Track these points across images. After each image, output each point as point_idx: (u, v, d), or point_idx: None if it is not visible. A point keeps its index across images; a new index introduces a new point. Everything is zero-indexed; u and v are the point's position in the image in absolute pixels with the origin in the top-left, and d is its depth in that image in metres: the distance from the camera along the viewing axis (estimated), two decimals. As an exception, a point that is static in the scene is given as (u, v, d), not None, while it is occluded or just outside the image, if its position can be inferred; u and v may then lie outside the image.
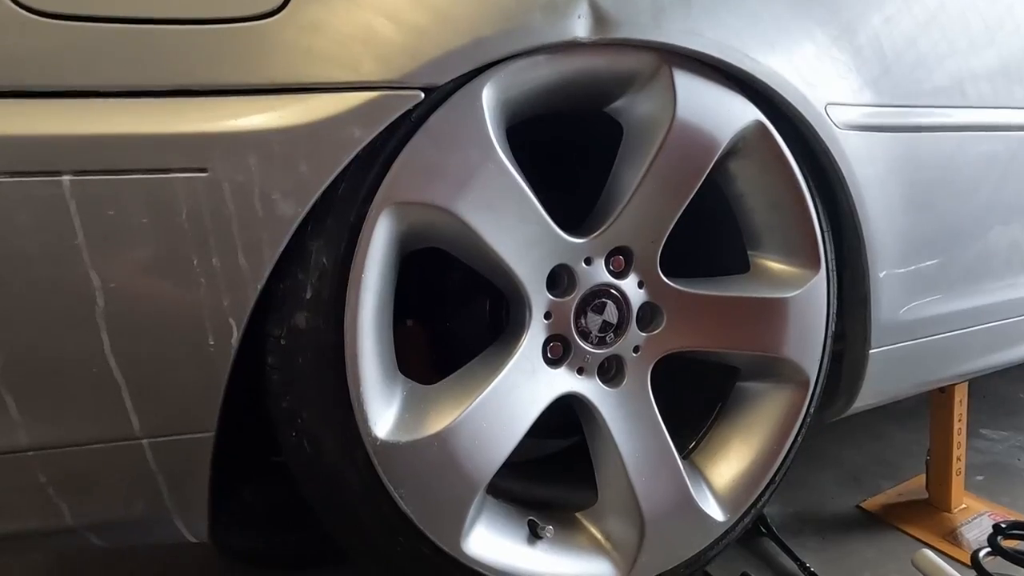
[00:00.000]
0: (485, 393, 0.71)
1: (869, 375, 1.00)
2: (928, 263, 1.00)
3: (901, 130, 0.92)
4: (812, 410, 0.92)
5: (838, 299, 0.94)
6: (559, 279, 0.81)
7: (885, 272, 0.95)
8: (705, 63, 0.77)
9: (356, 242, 0.63)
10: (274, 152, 0.59)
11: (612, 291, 0.83)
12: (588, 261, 0.81)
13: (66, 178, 0.55)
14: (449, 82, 0.64)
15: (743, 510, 0.88)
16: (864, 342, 0.98)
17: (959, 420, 1.28)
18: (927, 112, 0.94)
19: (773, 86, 0.79)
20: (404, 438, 0.67)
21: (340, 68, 0.61)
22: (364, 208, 0.64)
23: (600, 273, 0.82)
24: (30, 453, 0.62)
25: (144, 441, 0.64)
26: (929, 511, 1.31)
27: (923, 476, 1.36)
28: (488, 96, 0.67)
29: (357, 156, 0.62)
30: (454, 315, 0.93)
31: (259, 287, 0.61)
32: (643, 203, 0.80)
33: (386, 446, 0.66)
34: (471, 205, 0.67)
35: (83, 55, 0.56)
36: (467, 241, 0.70)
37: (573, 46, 0.69)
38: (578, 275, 0.81)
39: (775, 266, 0.91)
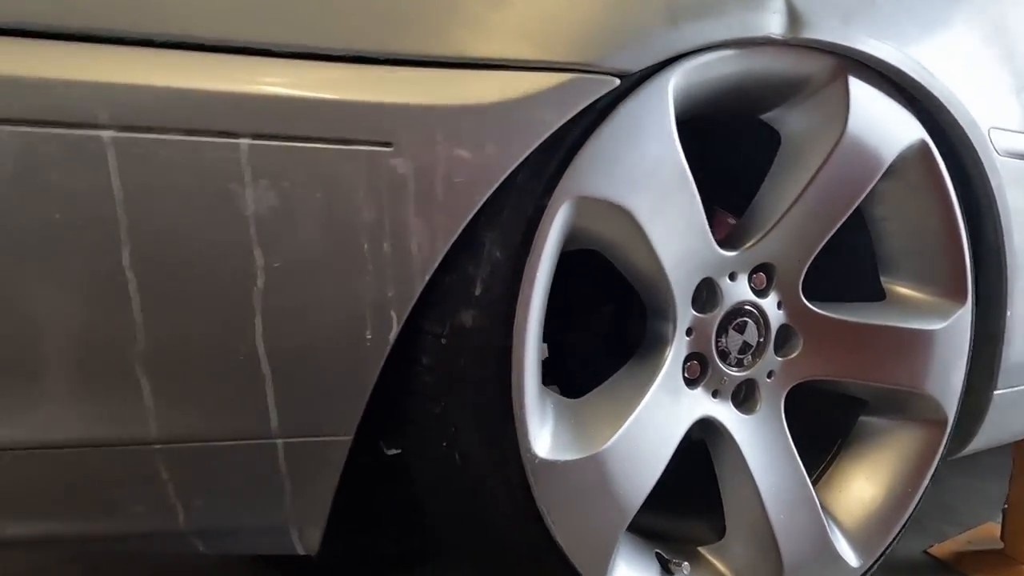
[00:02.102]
0: (638, 411, 0.66)
1: (990, 417, 0.95)
2: (1061, 303, 0.95)
3: (1055, 162, 0.88)
4: (945, 451, 0.87)
5: (970, 335, 0.90)
6: (700, 294, 0.76)
7: (1012, 311, 0.91)
8: (880, 74, 0.73)
9: (533, 237, 0.58)
10: (462, 131, 0.53)
11: (753, 310, 0.78)
12: (732, 276, 0.76)
13: (244, 141, 0.49)
14: (643, 70, 0.59)
15: (876, 555, 0.82)
16: (989, 382, 0.93)
17: (1046, 470, 1.23)
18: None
19: (945, 104, 0.75)
20: (561, 457, 0.61)
21: (534, 46, 0.55)
22: (543, 200, 0.58)
23: (743, 290, 0.77)
24: (157, 446, 0.55)
25: (279, 441, 0.58)
26: (1005, 562, 1.25)
27: (992, 524, 1.31)
28: (674, 89, 0.62)
29: (543, 142, 0.57)
30: (568, 326, 0.87)
31: (426, 278, 0.56)
32: (798, 219, 0.75)
33: (544, 465, 0.60)
34: (648, 207, 0.62)
35: (269, 12, 0.50)
36: (632, 245, 0.65)
37: (763, 44, 0.64)
38: (722, 291, 0.75)
39: (914, 295, 0.86)
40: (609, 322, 0.87)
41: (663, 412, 0.69)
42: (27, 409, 0.52)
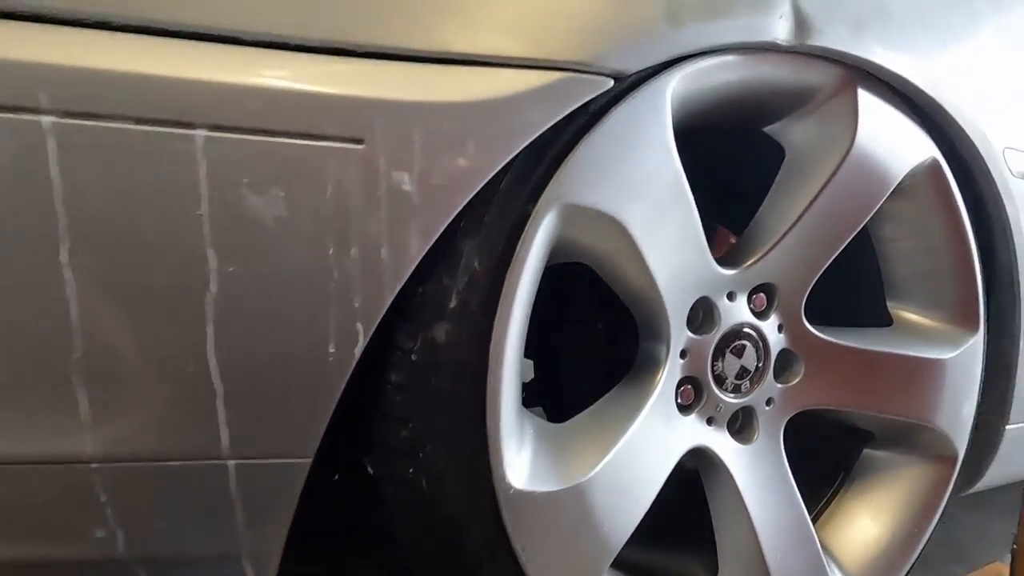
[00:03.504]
0: (626, 438, 0.61)
1: (1001, 453, 0.90)
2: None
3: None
4: (954, 488, 0.82)
5: (980, 365, 0.85)
6: (696, 314, 0.72)
7: (1026, 341, 0.86)
8: (890, 87, 0.70)
9: (515, 247, 0.54)
10: (442, 129, 0.49)
11: (752, 333, 0.74)
12: (731, 296, 0.72)
13: (201, 132, 0.45)
14: (640, 71, 0.55)
15: (881, 600, 0.77)
16: (1001, 416, 0.88)
17: (1059, 510, 1.17)
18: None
19: (959, 121, 0.71)
20: (538, 488, 0.56)
21: (524, 42, 0.51)
22: (528, 207, 0.54)
23: (742, 311, 0.73)
24: (93, 465, 0.51)
25: (230, 462, 0.53)
26: (1013, 604, 1.20)
27: (1000, 565, 1.25)
28: (672, 95, 0.58)
29: (529, 145, 0.53)
30: (560, 344, 0.83)
31: (397, 289, 0.51)
32: (801, 237, 0.71)
33: (518, 496, 0.54)
34: (641, 219, 0.58)
35: (232, -7, 0.47)
36: (623, 259, 0.60)
37: (767, 50, 0.61)
38: (720, 311, 0.71)
39: (923, 322, 0.82)
40: (604, 341, 0.82)
41: (653, 440, 0.64)
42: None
